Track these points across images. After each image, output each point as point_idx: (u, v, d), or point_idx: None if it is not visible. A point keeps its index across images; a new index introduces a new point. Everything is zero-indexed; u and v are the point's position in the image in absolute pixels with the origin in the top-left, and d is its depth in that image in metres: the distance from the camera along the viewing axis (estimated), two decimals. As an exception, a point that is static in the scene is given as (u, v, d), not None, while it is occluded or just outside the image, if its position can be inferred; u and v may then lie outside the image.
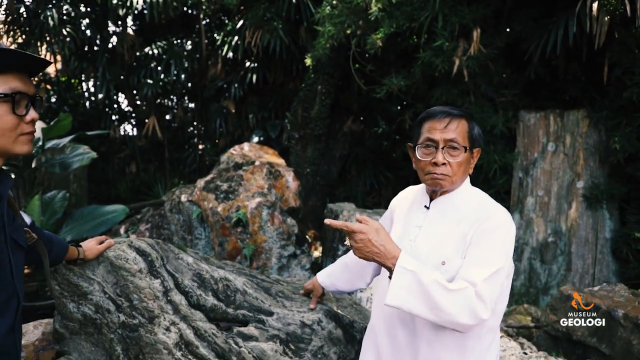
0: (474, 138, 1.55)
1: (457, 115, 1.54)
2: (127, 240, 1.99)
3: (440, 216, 1.58)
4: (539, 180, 4.05)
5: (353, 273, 2.00)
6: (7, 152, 1.15)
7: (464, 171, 1.56)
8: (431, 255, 1.52)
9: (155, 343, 1.93)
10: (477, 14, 3.90)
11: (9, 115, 1.12)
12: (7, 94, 1.10)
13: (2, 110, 1.11)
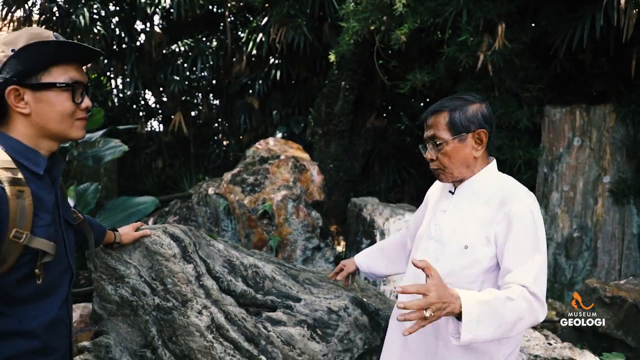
0: (459, 125, 1.55)
1: (435, 111, 1.59)
2: (162, 226, 2.08)
3: (464, 201, 1.61)
4: (565, 175, 4.03)
5: (389, 258, 2.08)
6: (64, 136, 1.24)
7: (460, 160, 1.57)
8: (454, 239, 1.57)
9: (188, 325, 2.01)
10: (502, 9, 3.90)
11: (68, 102, 1.21)
12: (68, 84, 1.20)
13: (62, 97, 1.20)
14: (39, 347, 1.19)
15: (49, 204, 1.22)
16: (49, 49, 1.17)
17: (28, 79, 1.16)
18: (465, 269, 1.53)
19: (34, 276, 1.16)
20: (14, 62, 1.14)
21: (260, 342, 2.04)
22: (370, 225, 3.87)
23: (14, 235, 1.10)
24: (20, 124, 1.19)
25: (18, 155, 1.17)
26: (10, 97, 1.15)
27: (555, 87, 4.55)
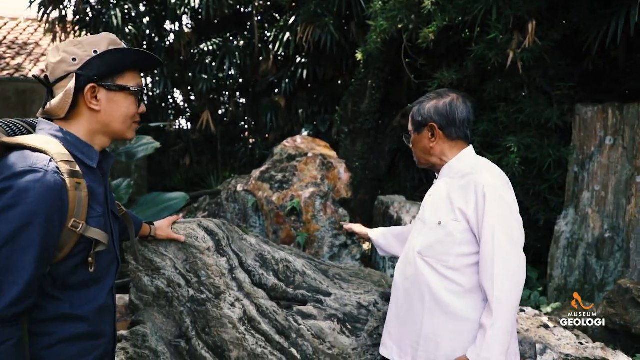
0: (417, 120, 1.79)
1: (410, 108, 1.85)
2: (197, 220, 2.13)
3: (442, 184, 1.78)
4: (596, 174, 3.97)
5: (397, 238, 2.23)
6: (122, 136, 1.35)
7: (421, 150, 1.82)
8: (431, 217, 1.77)
9: (221, 317, 2.06)
10: (533, 6, 3.85)
11: (133, 105, 1.33)
12: (137, 89, 1.32)
13: (129, 101, 1.32)
14: (88, 331, 1.26)
15: (101, 197, 1.29)
16: (130, 56, 1.30)
17: (105, 80, 1.27)
18: (439, 242, 1.71)
19: (87, 264, 1.23)
20: (97, 63, 1.24)
21: (291, 335, 2.08)
22: (397, 222, 3.87)
23: (72, 225, 1.17)
24: (86, 119, 1.28)
25: (74, 149, 1.24)
26: (87, 94, 1.24)
27: (586, 85, 4.48)
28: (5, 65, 10.31)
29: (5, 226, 1.07)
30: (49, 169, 1.13)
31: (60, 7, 6.97)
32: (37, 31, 12.23)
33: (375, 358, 2.09)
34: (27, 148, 1.15)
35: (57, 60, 1.25)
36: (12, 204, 1.08)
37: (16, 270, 1.08)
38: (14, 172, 1.10)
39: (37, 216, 1.09)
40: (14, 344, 1.09)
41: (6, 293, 1.07)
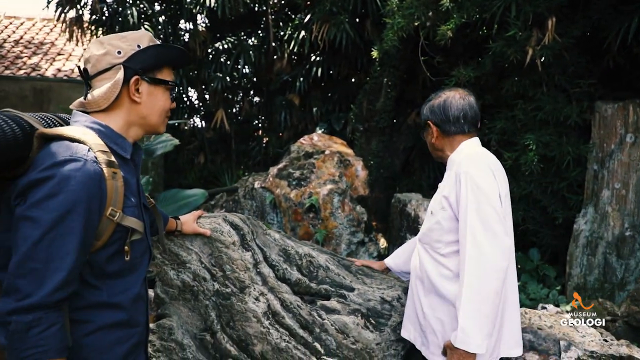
0: (421, 120, 1.97)
1: None
2: (222, 214, 2.15)
3: (446, 176, 1.88)
4: (616, 172, 3.93)
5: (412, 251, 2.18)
6: (156, 129, 1.40)
7: (429, 144, 1.95)
8: (429, 208, 1.92)
9: (246, 311, 2.07)
10: (552, 3, 3.82)
11: (168, 100, 1.39)
12: (174, 84, 1.39)
13: (166, 95, 1.38)
14: (124, 320, 1.29)
15: (134, 187, 1.34)
16: (168, 52, 1.38)
17: (148, 73, 1.32)
18: (431, 230, 1.84)
19: (123, 253, 1.27)
20: (141, 56, 1.30)
21: (315, 330, 2.09)
22: (414, 220, 3.87)
23: (110, 214, 1.20)
24: (126, 110, 1.32)
25: (108, 140, 1.27)
26: (132, 85, 1.30)
27: (606, 82, 4.43)
28: (22, 64, 10.44)
29: (48, 214, 1.10)
30: (88, 158, 1.16)
31: (77, 7, 7.04)
32: (53, 31, 12.37)
33: (399, 353, 2.09)
34: (65, 138, 1.18)
35: (102, 52, 1.28)
36: (54, 192, 1.10)
37: (59, 257, 1.11)
38: (56, 162, 1.13)
39: (79, 204, 1.12)
40: (58, 328, 1.12)
41: (51, 279, 1.10)
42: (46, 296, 1.09)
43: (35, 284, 1.09)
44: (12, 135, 1.15)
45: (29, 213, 1.10)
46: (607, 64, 4.19)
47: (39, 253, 1.09)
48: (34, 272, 1.09)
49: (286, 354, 2.04)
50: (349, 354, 2.03)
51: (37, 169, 1.13)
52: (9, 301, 1.09)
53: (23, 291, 1.09)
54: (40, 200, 1.10)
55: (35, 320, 1.08)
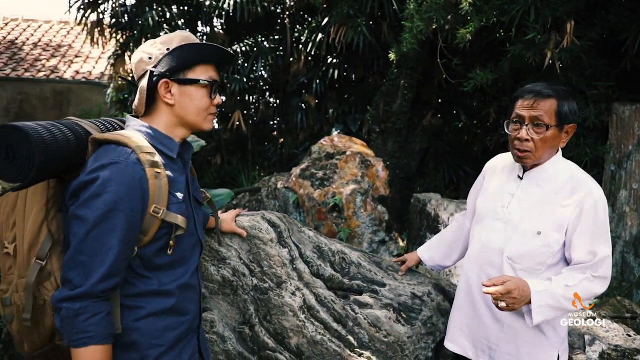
0: (563, 116, 1.63)
1: (545, 95, 1.63)
2: (260, 212, 2.25)
3: (534, 186, 1.72)
4: (634, 173, 3.99)
5: (449, 247, 2.19)
6: (198, 127, 1.43)
7: (550, 147, 1.66)
8: (525, 223, 1.70)
9: (282, 305, 2.17)
10: (571, 6, 3.89)
11: (205, 97, 1.40)
12: (208, 81, 1.39)
13: (201, 93, 1.39)
14: (175, 306, 1.38)
15: (181, 184, 1.40)
16: (198, 50, 1.38)
17: (177, 74, 1.36)
18: (536, 252, 1.66)
19: (167, 247, 1.35)
20: (168, 59, 1.34)
21: (348, 323, 2.18)
22: (434, 220, 3.95)
23: (153, 210, 1.28)
24: (164, 113, 1.38)
25: (155, 141, 1.36)
26: (161, 89, 1.35)
27: (623, 84, 4.49)
28: (41, 66, 10.64)
29: (92, 213, 1.20)
30: (129, 161, 1.25)
31: (98, 11, 7.18)
32: (70, 33, 12.58)
33: (429, 346, 2.18)
34: (112, 142, 1.28)
35: (137, 60, 1.37)
36: (97, 192, 1.21)
37: (102, 251, 1.21)
38: (99, 165, 1.23)
39: (120, 203, 1.22)
40: (103, 316, 1.22)
41: (96, 271, 1.20)
42: (92, 286, 1.20)
43: (83, 276, 1.20)
44: (65, 142, 1.26)
45: (78, 212, 1.21)
46: (625, 66, 4.25)
47: (86, 248, 1.20)
48: (82, 264, 1.20)
49: (321, 346, 2.13)
50: (381, 347, 2.12)
51: (84, 172, 1.24)
52: (63, 290, 1.21)
53: (73, 282, 1.20)
54: (86, 200, 1.21)
55: (82, 308, 1.19)
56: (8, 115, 10.35)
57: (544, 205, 1.66)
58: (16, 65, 10.60)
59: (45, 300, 1.28)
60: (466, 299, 1.87)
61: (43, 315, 1.30)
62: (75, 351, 1.20)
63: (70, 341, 1.20)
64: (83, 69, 10.85)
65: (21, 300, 1.29)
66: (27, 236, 1.30)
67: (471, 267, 1.86)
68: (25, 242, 1.29)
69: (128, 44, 7.27)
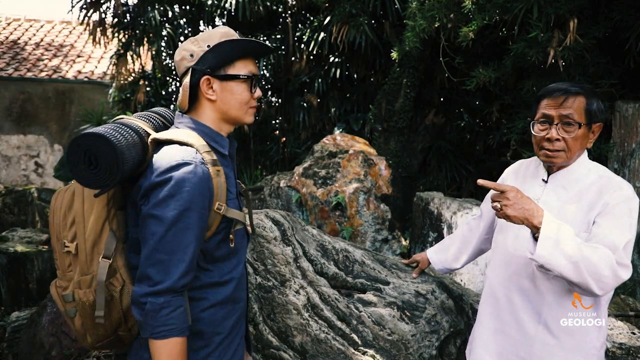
0: (592, 114, 1.58)
1: (574, 92, 1.59)
2: (264, 210, 2.25)
3: (560, 190, 1.64)
4: (637, 171, 3.98)
5: (459, 250, 2.12)
6: (240, 121, 1.48)
7: (580, 147, 1.60)
8: None
9: (286, 304, 2.17)
10: (574, 4, 3.87)
11: (246, 92, 1.44)
12: (248, 76, 1.43)
13: (242, 87, 1.43)
14: (232, 295, 1.47)
15: (232, 180, 1.48)
16: (237, 46, 1.41)
17: (217, 71, 1.40)
18: None
19: (228, 240, 1.43)
20: (209, 56, 1.38)
21: (352, 322, 2.18)
22: (437, 219, 3.94)
23: (217, 208, 1.36)
24: (207, 109, 1.43)
25: (209, 139, 1.41)
26: (203, 86, 1.39)
27: (627, 82, 4.48)
28: (44, 66, 10.66)
29: (170, 212, 1.26)
30: (197, 161, 1.30)
31: (100, 10, 7.18)
32: (72, 33, 12.59)
33: (433, 344, 2.17)
34: (175, 142, 1.34)
35: (179, 58, 1.41)
36: (172, 193, 1.26)
37: (181, 249, 1.28)
38: (171, 165, 1.28)
39: (194, 202, 1.28)
40: (182, 311, 1.29)
41: (176, 268, 1.27)
42: (173, 283, 1.26)
43: (163, 273, 1.26)
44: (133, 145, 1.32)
45: (154, 212, 1.27)
46: (628, 64, 4.24)
47: (164, 246, 1.26)
48: (161, 262, 1.27)
49: (325, 344, 2.13)
50: (385, 345, 2.12)
51: (155, 172, 1.28)
52: (143, 286, 1.27)
53: (154, 279, 1.26)
54: (161, 200, 1.26)
55: (165, 303, 1.26)
56: (11, 115, 10.37)
57: (571, 208, 1.59)
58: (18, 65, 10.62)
59: (113, 296, 1.35)
60: (493, 313, 1.76)
61: (111, 310, 1.36)
62: (156, 343, 1.27)
63: (152, 334, 1.26)
64: (85, 69, 10.86)
65: (87, 297, 1.35)
66: (89, 235, 1.34)
67: (498, 279, 1.75)
68: (88, 240, 1.34)
69: (130, 44, 7.27)
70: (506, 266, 1.72)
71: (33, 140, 10.40)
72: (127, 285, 1.37)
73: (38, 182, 10.36)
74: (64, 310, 1.41)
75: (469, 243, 2.09)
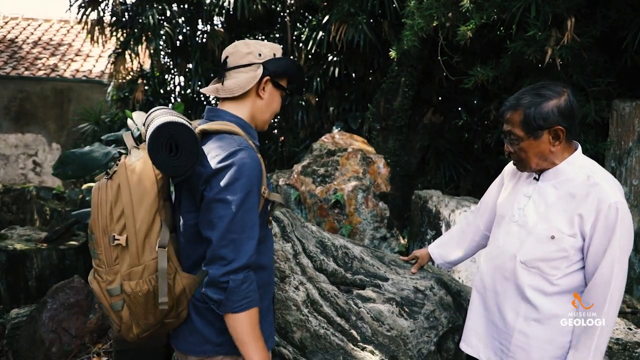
0: (533, 124, 1.58)
1: (509, 107, 1.65)
2: (264, 208, 2.26)
3: (548, 188, 1.68)
4: (634, 169, 4.00)
5: (460, 245, 2.16)
6: (263, 125, 1.64)
7: (537, 154, 1.63)
8: (539, 227, 1.66)
9: (286, 300, 2.18)
10: (572, 3, 3.90)
11: (279, 104, 1.64)
12: (288, 93, 1.64)
13: (279, 100, 1.63)
14: (268, 278, 1.61)
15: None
16: (293, 67, 1.62)
17: (275, 78, 1.57)
18: (550, 257, 1.64)
19: (267, 222, 1.58)
20: (275, 63, 1.55)
21: (351, 318, 2.19)
22: (435, 216, 3.96)
23: (263, 191, 1.47)
24: (251, 103, 1.56)
25: (245, 131, 1.52)
26: (263, 83, 1.54)
27: (624, 81, 4.51)
28: (42, 65, 10.65)
29: (236, 195, 1.36)
30: (250, 147, 1.43)
31: (98, 9, 7.18)
32: (70, 32, 12.58)
33: (432, 340, 2.19)
34: (224, 132, 1.45)
35: (247, 51, 1.54)
36: (236, 177, 1.36)
37: (249, 227, 1.39)
38: (230, 152, 1.39)
39: (254, 184, 1.39)
40: (255, 283, 1.41)
41: (248, 245, 1.38)
42: (248, 258, 1.38)
43: (237, 251, 1.36)
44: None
45: (220, 196, 1.36)
46: (625, 63, 4.26)
47: (235, 226, 1.36)
48: (234, 242, 1.36)
49: (324, 340, 2.14)
50: (384, 341, 2.14)
51: (215, 159, 1.38)
52: (217, 267, 1.36)
53: (228, 258, 1.36)
54: (227, 185, 1.36)
55: (245, 278, 1.37)
56: (9, 114, 10.36)
57: (559, 209, 1.62)
58: (17, 64, 10.61)
59: (167, 283, 1.41)
60: (480, 300, 1.87)
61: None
62: (238, 316, 1.37)
63: (234, 308, 1.36)
64: (84, 68, 10.85)
65: (140, 287, 1.40)
66: (141, 227, 1.40)
67: (486, 269, 1.85)
68: (140, 232, 1.40)
69: (128, 43, 7.27)
70: (494, 258, 1.81)
71: (31, 139, 10.40)
72: (179, 272, 1.46)
73: (36, 181, 10.36)
74: (109, 304, 1.46)
75: (467, 237, 2.13)
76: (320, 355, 2.12)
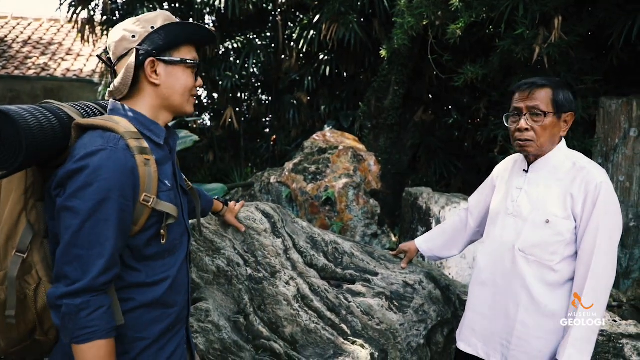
0: (559, 103, 1.68)
1: (540, 85, 1.70)
2: (254, 203, 2.28)
3: (539, 177, 1.75)
4: (620, 166, 4.06)
5: (449, 240, 2.20)
6: (181, 109, 1.38)
7: (551, 135, 1.70)
8: (534, 214, 1.72)
9: (277, 295, 2.21)
10: (559, 2, 3.95)
11: (190, 78, 1.36)
12: (194, 62, 1.35)
13: (187, 74, 1.35)
14: (163, 298, 1.33)
15: (169, 171, 1.36)
16: (183, 29, 1.33)
17: (163, 54, 1.30)
18: (546, 242, 1.68)
19: (159, 236, 1.30)
20: (154, 38, 1.28)
21: (342, 312, 2.22)
22: (426, 213, 4.00)
23: (144, 199, 1.23)
24: (148, 95, 1.32)
25: (142, 127, 1.30)
26: (147, 68, 1.29)
27: (611, 78, 4.57)
28: (32, 64, 10.58)
29: (85, 203, 1.14)
30: (119, 147, 1.19)
31: (89, 8, 7.16)
32: (60, 31, 12.50)
33: (421, 333, 2.22)
34: (99, 128, 1.22)
35: (118, 38, 1.30)
36: (88, 182, 1.14)
37: (99, 243, 1.16)
38: (88, 152, 1.16)
39: (112, 191, 1.16)
40: (105, 310, 1.17)
41: (94, 265, 1.15)
42: (92, 280, 1.14)
43: (81, 270, 1.14)
44: (51, 128, 1.18)
45: (68, 203, 1.15)
46: (612, 61, 4.32)
47: (81, 240, 1.14)
48: (78, 258, 1.14)
49: (315, 334, 2.17)
50: (374, 335, 2.16)
51: (72, 159, 1.17)
52: (60, 286, 1.15)
53: (71, 277, 1.14)
54: (76, 190, 1.14)
55: (84, 304, 1.13)
56: (-2, 114, 10.26)
57: (550, 195, 1.69)
58: (6, 63, 10.53)
59: (26, 295, 1.23)
60: (479, 297, 1.87)
61: (24, 311, 1.24)
62: (79, 348, 1.15)
63: (73, 338, 1.15)
64: (74, 67, 10.80)
65: (0, 296, 1.22)
66: (4, 227, 1.23)
67: (484, 264, 1.87)
68: (3, 233, 1.23)
69: (119, 41, 7.24)
70: (494, 253, 1.83)
71: (21, 139, 10.30)
72: (43, 284, 1.24)
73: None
74: None
75: (459, 235, 2.18)
76: (311, 350, 2.14)
